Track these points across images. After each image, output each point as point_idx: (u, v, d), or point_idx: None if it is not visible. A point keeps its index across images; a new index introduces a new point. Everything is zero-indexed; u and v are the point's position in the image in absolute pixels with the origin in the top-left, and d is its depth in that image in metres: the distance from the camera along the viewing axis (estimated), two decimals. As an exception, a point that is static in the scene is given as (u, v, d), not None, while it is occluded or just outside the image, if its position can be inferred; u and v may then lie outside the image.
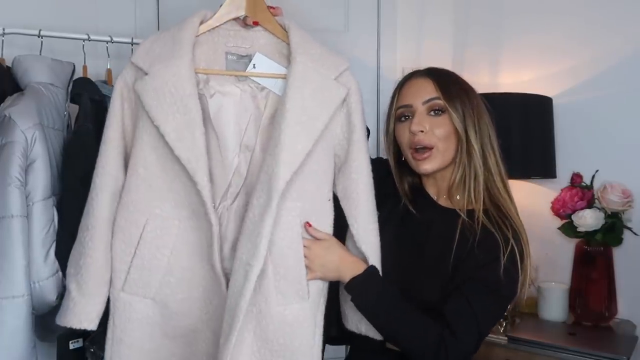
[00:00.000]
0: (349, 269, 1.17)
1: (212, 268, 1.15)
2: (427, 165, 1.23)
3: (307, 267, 1.16)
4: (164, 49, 1.15)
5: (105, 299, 1.19)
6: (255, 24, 1.21)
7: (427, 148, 1.22)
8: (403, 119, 1.27)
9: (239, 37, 1.23)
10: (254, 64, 1.21)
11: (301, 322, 1.16)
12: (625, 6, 1.93)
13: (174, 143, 1.10)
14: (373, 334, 1.21)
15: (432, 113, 1.23)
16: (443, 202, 1.29)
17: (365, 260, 1.19)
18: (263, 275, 1.12)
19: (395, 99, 1.30)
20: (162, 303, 1.17)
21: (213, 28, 1.21)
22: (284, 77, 1.18)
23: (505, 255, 1.15)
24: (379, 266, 1.20)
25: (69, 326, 1.18)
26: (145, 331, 1.18)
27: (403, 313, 1.15)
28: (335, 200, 1.23)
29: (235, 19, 1.23)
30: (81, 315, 1.17)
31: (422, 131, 1.22)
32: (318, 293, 1.19)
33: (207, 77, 1.20)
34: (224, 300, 1.14)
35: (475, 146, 1.21)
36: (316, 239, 1.19)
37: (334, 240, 1.21)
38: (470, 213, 1.21)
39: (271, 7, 1.24)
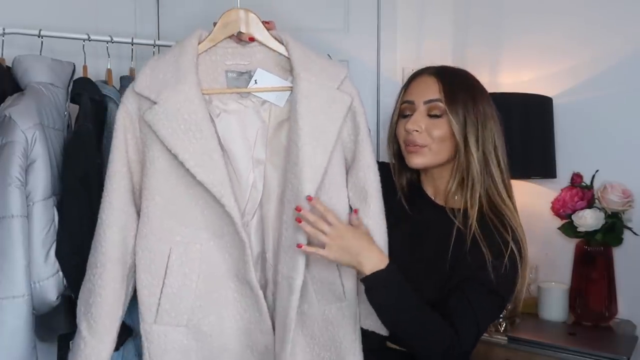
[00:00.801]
0: (371, 261, 1.13)
1: (246, 284, 1.18)
2: (416, 160, 1.24)
3: (325, 244, 1.13)
4: (168, 75, 1.15)
5: (116, 337, 1.19)
6: (251, 39, 1.22)
7: (420, 145, 1.22)
8: (404, 115, 1.27)
9: (237, 55, 1.24)
10: (255, 80, 1.22)
11: (341, 320, 1.22)
12: (625, 6, 1.93)
13: (195, 169, 1.12)
14: (379, 329, 1.22)
15: (431, 114, 1.23)
16: (440, 201, 1.29)
17: None
18: (303, 283, 1.17)
19: (402, 93, 1.29)
20: (195, 328, 1.19)
21: (210, 48, 1.22)
22: (286, 90, 1.21)
23: (506, 257, 1.15)
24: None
25: None
26: (182, 359, 1.20)
27: (420, 313, 1.14)
28: None
29: (231, 37, 1.23)
30: (92, 356, 1.18)
31: (417, 131, 1.22)
32: (354, 292, 1.22)
33: (209, 96, 1.21)
34: (259, 313, 1.19)
35: (475, 154, 1.20)
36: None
37: (365, 230, 1.20)
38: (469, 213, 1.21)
39: (265, 22, 1.25)
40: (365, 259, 1.13)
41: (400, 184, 1.33)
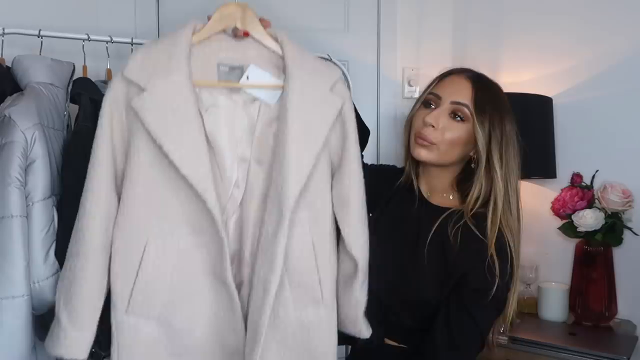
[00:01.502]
0: None
1: (222, 282, 1.16)
2: (422, 152, 1.24)
3: None
4: (160, 63, 1.13)
5: (96, 328, 1.17)
6: (246, 34, 1.21)
7: (429, 142, 1.23)
8: (428, 105, 1.27)
9: (231, 49, 1.22)
10: (247, 75, 1.21)
11: (317, 326, 1.19)
12: (625, 6, 1.93)
13: (180, 162, 1.09)
14: (358, 333, 1.22)
15: (453, 115, 1.23)
16: (434, 200, 1.30)
17: (355, 264, 1.18)
18: (280, 285, 1.15)
19: (433, 85, 1.29)
20: (166, 322, 1.17)
21: (204, 39, 1.20)
22: (278, 88, 1.19)
23: (496, 264, 1.15)
24: (366, 268, 1.19)
25: (59, 356, 1.16)
26: (151, 352, 1.18)
27: None
28: None
29: (225, 30, 1.22)
30: (72, 346, 1.15)
31: (432, 126, 1.22)
32: (333, 295, 1.20)
33: (199, 89, 1.19)
34: (232, 312, 1.17)
35: (498, 172, 1.20)
36: None
37: None
38: (462, 214, 1.22)
39: (261, 20, 1.24)
40: None
41: (416, 172, 1.33)
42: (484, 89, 1.25)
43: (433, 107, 1.25)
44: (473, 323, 1.15)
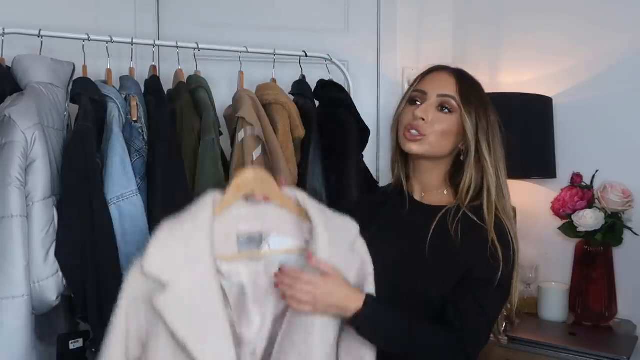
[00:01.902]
0: (353, 304, 1.12)
1: None
2: (413, 146, 1.25)
3: (305, 302, 1.09)
4: (181, 252, 1.08)
5: None
6: (266, 199, 1.17)
7: (420, 134, 1.25)
8: (413, 102, 1.29)
9: (250, 217, 1.17)
10: (268, 244, 1.16)
11: None
12: (625, 6, 1.93)
13: None
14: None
15: (440, 108, 1.25)
16: (429, 199, 1.31)
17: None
18: None
19: (415, 83, 1.32)
20: None
21: (223, 209, 1.15)
22: (300, 251, 1.16)
23: (499, 251, 1.17)
24: None
25: None
26: None
27: (414, 331, 1.15)
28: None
29: (244, 197, 1.17)
30: None
31: (423, 119, 1.24)
32: None
33: (220, 261, 1.14)
34: None
35: (488, 159, 1.24)
36: (321, 272, 1.12)
37: (339, 276, 1.15)
38: (458, 208, 1.23)
39: (276, 179, 1.20)
40: (349, 302, 1.12)
41: (405, 173, 1.35)
42: (466, 82, 1.29)
43: (419, 103, 1.27)
44: (482, 312, 1.17)
